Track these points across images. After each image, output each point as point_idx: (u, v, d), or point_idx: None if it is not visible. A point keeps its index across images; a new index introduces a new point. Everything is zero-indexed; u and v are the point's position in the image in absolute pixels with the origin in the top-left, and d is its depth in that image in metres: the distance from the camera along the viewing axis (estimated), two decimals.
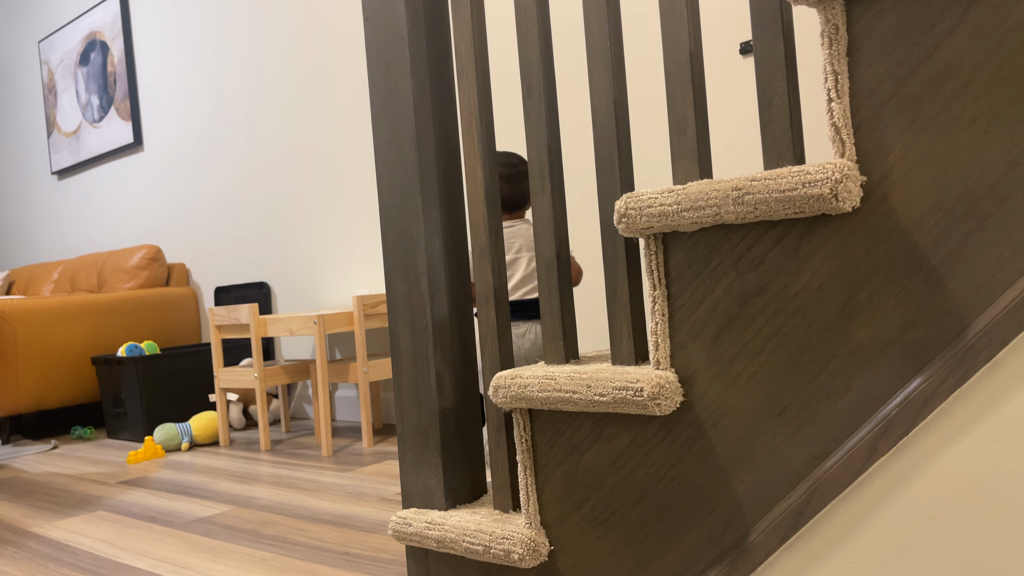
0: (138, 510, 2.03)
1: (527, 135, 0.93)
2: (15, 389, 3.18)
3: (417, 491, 1.04)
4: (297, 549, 1.60)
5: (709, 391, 0.78)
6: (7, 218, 5.28)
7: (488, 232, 0.97)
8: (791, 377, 0.73)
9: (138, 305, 3.58)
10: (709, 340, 0.78)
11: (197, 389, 3.25)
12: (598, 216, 2.44)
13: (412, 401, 1.03)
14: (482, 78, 0.98)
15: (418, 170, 1.01)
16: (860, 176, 0.68)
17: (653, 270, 0.80)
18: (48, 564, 1.64)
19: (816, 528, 0.72)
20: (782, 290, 0.73)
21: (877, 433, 0.68)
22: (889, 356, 0.68)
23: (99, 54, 4.27)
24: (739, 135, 2.16)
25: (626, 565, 0.86)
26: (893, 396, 0.68)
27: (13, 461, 2.94)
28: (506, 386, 0.90)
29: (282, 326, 2.69)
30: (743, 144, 2.15)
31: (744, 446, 0.77)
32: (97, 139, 4.34)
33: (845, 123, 0.69)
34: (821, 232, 0.71)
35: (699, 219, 0.75)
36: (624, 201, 0.80)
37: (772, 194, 0.70)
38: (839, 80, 0.68)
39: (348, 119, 3.12)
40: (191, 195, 3.85)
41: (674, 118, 0.81)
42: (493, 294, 0.97)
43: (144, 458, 2.73)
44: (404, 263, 1.03)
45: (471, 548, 0.93)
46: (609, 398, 0.81)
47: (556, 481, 0.90)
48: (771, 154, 0.75)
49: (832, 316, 0.71)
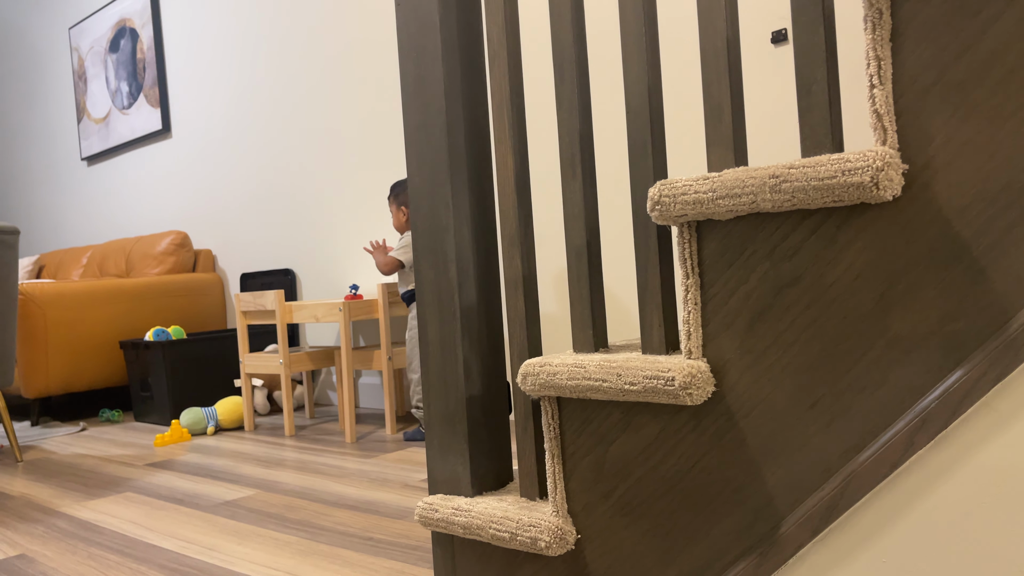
0: (165, 492, 2.06)
1: (559, 121, 0.93)
2: (45, 371, 3.23)
3: (444, 477, 1.04)
4: (322, 534, 1.61)
5: (741, 382, 0.78)
6: (37, 203, 5.36)
7: (518, 220, 0.97)
8: (825, 369, 0.72)
9: (165, 290, 3.62)
10: (742, 330, 0.77)
11: (222, 374, 3.28)
12: (619, 204, 2.42)
13: (439, 388, 1.03)
14: (514, 64, 0.97)
15: (448, 157, 1.01)
16: (902, 164, 0.67)
17: (686, 259, 0.79)
18: (77, 543, 1.66)
19: (849, 522, 0.71)
20: (818, 280, 0.72)
21: (915, 427, 0.67)
22: (928, 348, 0.67)
23: (129, 41, 4.31)
24: (769, 126, 2.13)
25: (653, 555, 0.85)
26: (932, 389, 0.67)
27: (43, 442, 2.98)
28: (535, 373, 0.90)
29: (307, 312, 2.71)
30: (773, 135, 2.12)
31: (776, 438, 0.76)
32: (126, 126, 4.38)
33: (888, 110, 0.67)
34: (859, 221, 0.70)
35: (735, 207, 0.74)
36: (658, 188, 0.79)
37: (811, 182, 0.69)
38: (882, 66, 0.67)
39: (375, 107, 3.12)
40: (218, 182, 3.88)
41: (710, 105, 0.80)
42: (522, 281, 0.97)
43: (171, 441, 2.76)
44: (433, 250, 1.03)
45: (498, 535, 0.93)
46: (640, 387, 0.80)
47: (583, 470, 0.90)
48: (809, 142, 0.74)
49: (869, 307, 0.70)
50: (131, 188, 4.48)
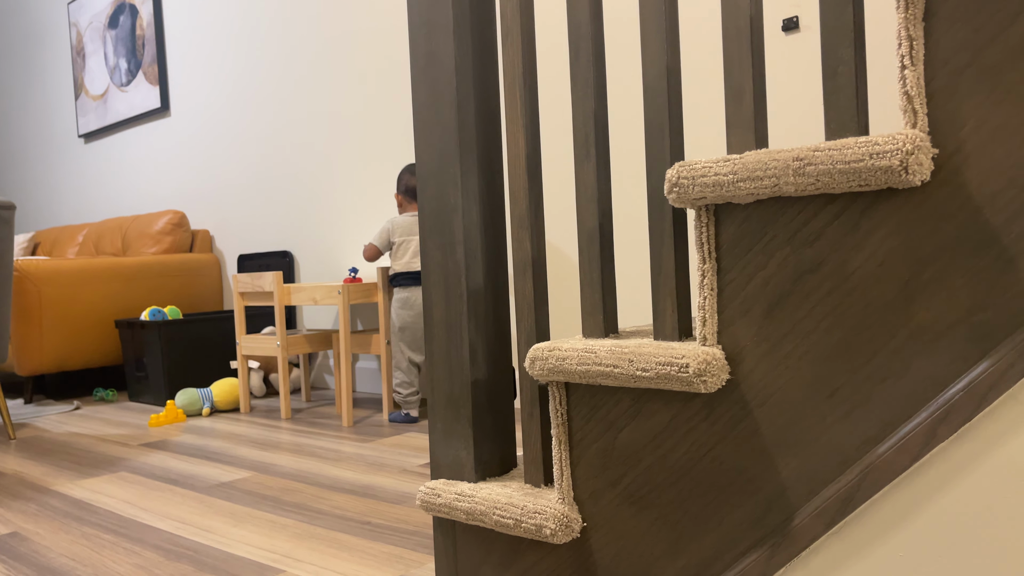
0: (160, 472, 2.04)
1: (573, 101, 0.90)
2: (39, 349, 3.21)
3: (446, 462, 1.02)
4: (319, 517, 1.60)
5: (757, 370, 0.76)
6: (33, 180, 5.31)
7: (528, 201, 0.95)
8: (845, 358, 0.71)
9: (162, 270, 3.59)
10: (759, 317, 0.75)
11: (218, 355, 3.26)
12: (626, 188, 2.40)
13: (444, 371, 1.01)
14: (527, 41, 0.95)
15: (458, 135, 0.98)
16: (932, 148, 0.65)
17: (703, 243, 0.77)
18: (70, 522, 1.64)
19: (866, 514, 0.69)
20: (839, 267, 0.71)
21: (937, 418, 0.65)
22: (953, 338, 0.65)
23: (128, 17, 4.26)
24: (778, 114, 2.11)
25: (661, 545, 0.84)
26: (956, 380, 0.65)
27: (36, 420, 2.96)
28: (543, 358, 0.88)
29: (306, 295, 2.69)
30: (782, 123, 2.10)
31: (791, 428, 0.74)
32: (124, 103, 4.34)
33: (919, 92, 0.65)
34: (885, 207, 0.68)
35: (756, 190, 0.72)
36: (676, 170, 0.77)
37: (836, 165, 0.66)
38: (914, 46, 0.65)
39: (377, 87, 3.09)
40: (216, 162, 3.85)
41: (731, 86, 0.78)
42: (531, 264, 0.95)
43: (165, 422, 2.75)
44: (440, 230, 1.01)
45: (501, 521, 0.92)
46: (652, 374, 0.78)
47: (591, 457, 0.88)
48: (834, 124, 0.72)
49: (892, 295, 0.68)
50: (128, 166, 4.44)
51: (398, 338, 2.55)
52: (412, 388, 2.54)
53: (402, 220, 2.60)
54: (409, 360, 2.55)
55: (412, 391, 2.54)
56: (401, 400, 2.55)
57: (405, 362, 2.55)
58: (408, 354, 2.54)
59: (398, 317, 2.55)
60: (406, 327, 2.55)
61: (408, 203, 2.67)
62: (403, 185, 2.67)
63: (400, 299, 2.56)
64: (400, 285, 2.56)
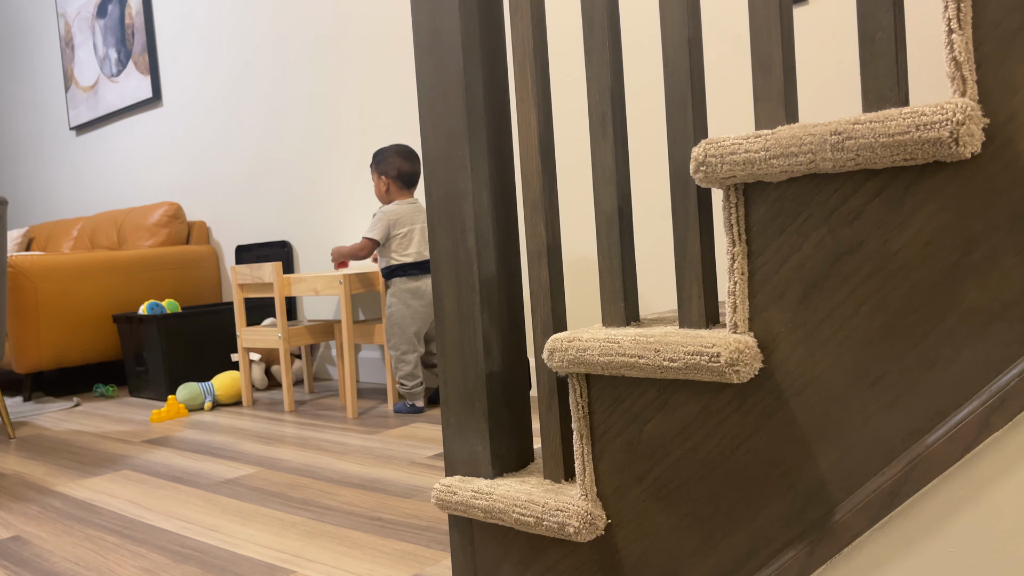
0: (164, 470, 2.00)
1: (588, 77, 0.86)
2: (37, 346, 3.16)
3: (462, 458, 0.98)
4: (328, 513, 1.56)
5: (792, 357, 0.72)
6: (25, 174, 5.25)
7: (542, 184, 0.90)
8: (889, 343, 0.67)
9: (159, 263, 3.55)
10: (794, 302, 0.71)
11: (218, 348, 3.22)
12: (647, 167, 2.35)
13: (457, 364, 0.97)
14: (537, 15, 0.90)
15: (466, 117, 0.94)
16: (983, 118, 0.61)
17: (733, 224, 0.73)
18: (74, 524, 1.61)
19: (913, 509, 0.66)
20: (881, 247, 0.66)
21: (991, 406, 0.61)
22: (1008, 321, 0.61)
23: (116, 6, 4.18)
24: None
25: (691, 542, 0.80)
26: (1011, 366, 0.61)
27: (36, 418, 2.92)
28: (562, 349, 0.84)
29: (307, 285, 2.64)
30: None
31: (831, 418, 0.70)
32: (115, 94, 4.27)
33: (967, 58, 0.61)
34: (931, 182, 0.64)
35: (790, 167, 0.68)
36: (703, 148, 0.72)
37: (879, 138, 0.62)
38: (961, 9, 0.60)
39: (375, 75, 3.03)
40: (211, 151, 3.79)
41: (758, 56, 0.73)
42: (546, 251, 0.91)
43: (167, 417, 2.71)
44: (450, 217, 0.96)
45: (522, 519, 0.88)
46: (680, 364, 0.74)
47: (615, 451, 0.84)
48: (872, 95, 0.67)
49: (940, 276, 0.64)
50: (122, 158, 4.37)
51: (401, 329, 2.49)
52: (417, 379, 2.50)
53: (400, 210, 2.52)
54: (416, 352, 2.50)
55: (417, 382, 2.50)
56: (406, 392, 2.51)
57: (413, 354, 2.49)
58: (416, 346, 2.49)
59: (407, 308, 2.49)
60: (416, 317, 2.50)
61: (399, 190, 2.56)
62: (394, 169, 2.54)
63: (408, 289, 2.50)
64: (408, 275, 2.50)
